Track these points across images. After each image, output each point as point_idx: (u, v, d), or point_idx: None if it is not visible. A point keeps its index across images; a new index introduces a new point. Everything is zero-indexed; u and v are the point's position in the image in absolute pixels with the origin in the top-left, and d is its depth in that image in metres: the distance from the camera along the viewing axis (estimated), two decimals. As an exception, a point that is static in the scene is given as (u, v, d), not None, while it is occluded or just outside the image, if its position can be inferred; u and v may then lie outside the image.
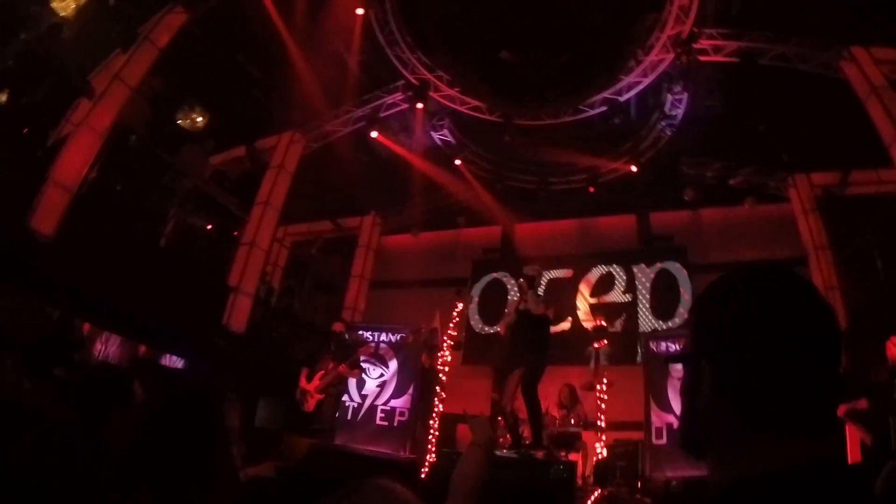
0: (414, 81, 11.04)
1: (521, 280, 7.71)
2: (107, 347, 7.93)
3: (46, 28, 7.11)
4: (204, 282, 9.50)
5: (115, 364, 7.14)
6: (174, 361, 9.50)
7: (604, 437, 9.08)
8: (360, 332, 11.51)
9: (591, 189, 12.52)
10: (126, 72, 7.87)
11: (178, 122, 9.68)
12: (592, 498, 7.68)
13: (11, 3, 6.98)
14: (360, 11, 10.03)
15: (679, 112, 10.69)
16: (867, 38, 8.60)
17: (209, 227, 10.08)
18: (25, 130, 6.92)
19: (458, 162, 12.61)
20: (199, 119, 9.80)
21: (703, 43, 9.69)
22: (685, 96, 10.44)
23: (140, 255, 8.08)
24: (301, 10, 9.48)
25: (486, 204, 13.54)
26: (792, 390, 0.81)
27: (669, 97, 10.59)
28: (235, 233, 10.51)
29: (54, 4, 7.14)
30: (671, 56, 9.92)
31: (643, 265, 12.13)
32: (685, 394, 0.94)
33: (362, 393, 11.04)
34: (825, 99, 9.23)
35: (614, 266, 12.42)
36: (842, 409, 6.04)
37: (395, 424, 10.68)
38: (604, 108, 11.07)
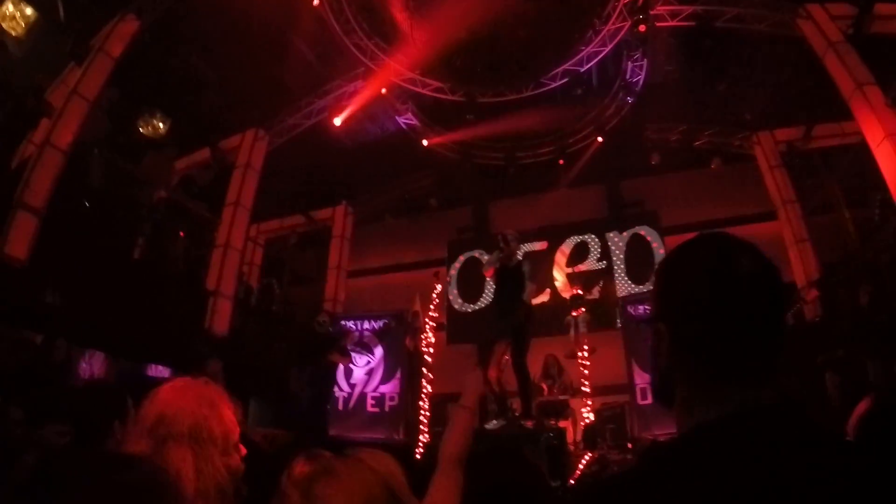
0: (373, 67, 10.93)
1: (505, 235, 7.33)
2: (91, 366, 7.87)
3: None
4: (182, 289, 9.44)
5: (105, 381, 7.08)
6: (160, 371, 9.47)
7: (589, 403, 9.30)
8: (343, 323, 11.58)
9: (561, 161, 12.63)
10: (83, 86, 7.69)
11: (140, 129, 9.44)
12: (584, 461, 7.94)
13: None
14: (315, 2, 9.89)
15: (640, 79, 10.76)
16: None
17: (182, 234, 9.96)
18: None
19: (425, 143, 12.56)
20: (161, 125, 9.56)
21: (660, 9, 9.75)
22: (645, 63, 10.50)
23: (115, 270, 8.01)
24: (256, 7, 9.28)
25: (456, 184, 13.57)
26: (736, 345, 0.93)
27: (630, 65, 10.65)
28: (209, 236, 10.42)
29: (3, 24, 6.88)
30: (629, 23, 9.95)
31: (615, 232, 12.34)
32: (651, 353, 1.07)
33: (351, 382, 11.17)
34: (783, 57, 9.35)
35: (588, 235, 12.60)
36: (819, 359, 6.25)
37: (387, 410, 10.85)
38: (565, 80, 11.10)
